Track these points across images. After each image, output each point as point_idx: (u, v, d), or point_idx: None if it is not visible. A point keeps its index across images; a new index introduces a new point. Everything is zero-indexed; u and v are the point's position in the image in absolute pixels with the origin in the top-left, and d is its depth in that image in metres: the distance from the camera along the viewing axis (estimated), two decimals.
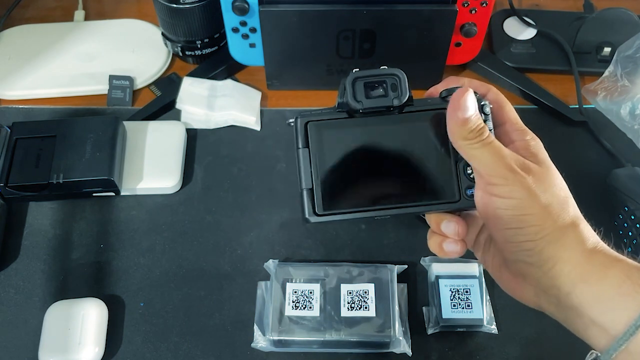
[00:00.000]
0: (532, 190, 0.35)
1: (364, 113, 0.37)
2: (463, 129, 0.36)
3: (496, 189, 0.35)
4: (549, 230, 0.35)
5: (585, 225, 0.36)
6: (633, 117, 0.66)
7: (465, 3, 0.62)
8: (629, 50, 0.67)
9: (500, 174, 0.35)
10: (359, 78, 0.37)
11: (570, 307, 0.34)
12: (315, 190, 0.37)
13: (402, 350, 0.51)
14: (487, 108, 0.37)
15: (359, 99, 0.37)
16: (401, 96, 0.37)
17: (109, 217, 0.60)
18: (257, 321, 0.53)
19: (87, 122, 0.61)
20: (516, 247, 0.36)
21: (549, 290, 0.35)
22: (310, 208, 0.37)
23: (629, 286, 0.33)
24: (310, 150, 0.38)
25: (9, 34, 0.75)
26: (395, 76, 0.37)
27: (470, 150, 0.36)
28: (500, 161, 0.35)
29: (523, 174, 0.35)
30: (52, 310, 0.52)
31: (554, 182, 0.36)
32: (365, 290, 0.53)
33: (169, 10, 0.66)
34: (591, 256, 0.35)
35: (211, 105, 0.67)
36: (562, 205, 0.35)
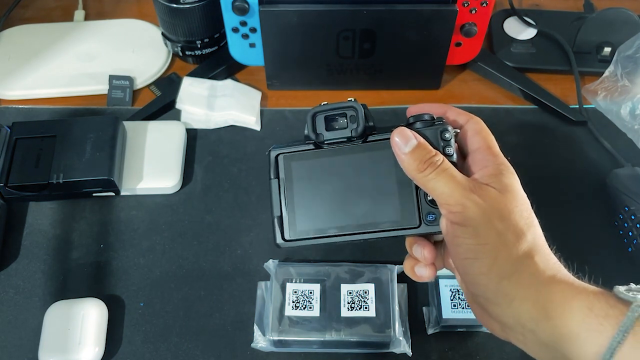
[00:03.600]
0: (488, 217, 0.34)
1: (329, 144, 0.40)
2: (411, 162, 0.37)
3: (454, 216, 0.35)
4: (502, 263, 0.34)
5: (544, 253, 0.35)
6: (633, 117, 0.66)
7: (466, 3, 0.62)
8: (629, 50, 0.67)
9: (457, 202, 0.35)
10: (319, 112, 0.40)
11: (539, 343, 0.34)
12: (283, 217, 0.41)
13: (402, 351, 0.51)
14: (447, 134, 0.38)
15: (319, 131, 0.40)
16: (358, 127, 0.40)
17: (109, 217, 0.60)
18: (257, 321, 0.53)
19: (87, 122, 0.61)
20: (473, 279, 0.35)
21: (513, 328, 0.35)
22: (279, 234, 0.41)
23: (592, 320, 0.32)
24: (279, 180, 0.41)
25: (9, 34, 0.75)
26: (353, 108, 0.40)
27: (426, 182, 0.36)
28: (456, 188, 0.35)
29: (479, 201, 0.34)
30: (52, 310, 0.52)
31: (513, 209, 0.35)
32: (365, 290, 0.53)
33: (169, 10, 0.66)
34: (550, 290, 0.33)
35: (211, 105, 0.67)
36: (518, 234, 0.34)
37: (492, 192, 0.35)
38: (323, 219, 0.40)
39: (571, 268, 0.36)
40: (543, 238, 0.36)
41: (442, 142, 0.38)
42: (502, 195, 0.35)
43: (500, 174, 0.36)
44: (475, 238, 0.34)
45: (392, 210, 0.39)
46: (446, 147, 0.38)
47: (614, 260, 0.57)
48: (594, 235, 0.59)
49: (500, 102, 0.70)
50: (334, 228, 0.40)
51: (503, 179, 0.36)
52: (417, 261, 0.40)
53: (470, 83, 0.72)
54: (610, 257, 0.58)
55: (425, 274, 0.40)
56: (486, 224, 0.34)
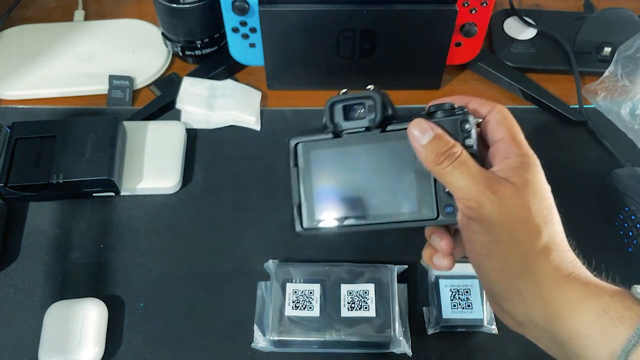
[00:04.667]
0: (503, 215, 0.34)
1: (348, 133, 0.40)
2: (428, 155, 0.36)
3: (471, 212, 0.34)
4: (515, 261, 0.34)
5: (561, 251, 0.34)
6: (633, 117, 0.66)
7: (466, 3, 0.62)
8: (629, 50, 0.67)
9: (473, 197, 0.34)
10: (337, 102, 0.40)
11: (551, 341, 0.34)
12: (302, 206, 0.41)
13: (402, 351, 0.51)
14: (467, 124, 0.37)
15: (337, 121, 0.40)
16: (376, 117, 0.39)
17: (109, 217, 0.60)
18: (257, 321, 0.53)
19: (87, 122, 0.61)
20: (486, 276, 0.35)
21: (526, 325, 0.35)
22: (298, 222, 0.41)
23: (607, 321, 0.31)
24: (298, 169, 0.41)
25: (8, 34, 0.75)
26: (371, 98, 0.39)
27: (443, 174, 0.36)
28: (473, 184, 0.34)
29: (495, 198, 0.34)
30: (52, 311, 0.52)
31: (531, 206, 0.34)
32: (365, 290, 0.53)
33: (169, 10, 0.65)
34: (563, 290, 0.33)
35: (211, 105, 0.67)
36: (534, 232, 0.34)
37: (510, 188, 0.34)
38: (341, 208, 0.40)
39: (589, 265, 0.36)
40: (562, 234, 0.35)
41: (462, 133, 0.37)
42: (521, 191, 0.34)
43: (521, 167, 0.35)
44: (489, 235, 0.34)
45: (410, 201, 0.39)
46: (466, 139, 0.37)
47: (614, 260, 0.57)
48: (594, 235, 0.59)
49: (500, 102, 0.69)
50: (352, 217, 0.40)
51: (524, 173, 0.35)
52: (436, 251, 0.40)
53: (470, 83, 0.72)
54: (610, 257, 0.57)
55: (443, 264, 0.39)
56: (501, 222, 0.34)
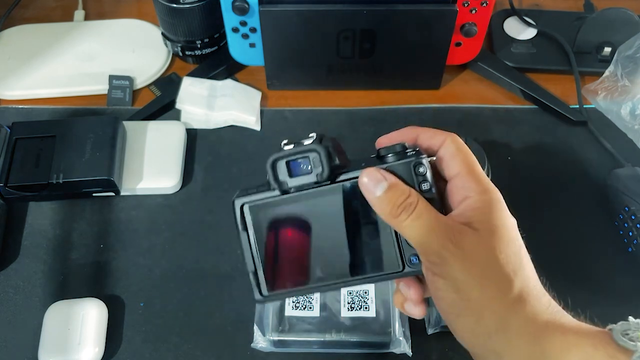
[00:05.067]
0: (469, 270, 0.31)
1: (297, 189, 0.36)
2: (383, 207, 0.33)
3: (435, 267, 0.32)
4: (488, 319, 0.31)
5: (535, 297, 0.32)
6: (633, 117, 0.66)
7: (466, 3, 0.62)
8: (629, 50, 0.67)
9: (434, 252, 0.31)
10: (279, 158, 0.36)
11: None
12: (258, 272, 0.37)
13: (402, 351, 0.51)
14: (421, 167, 0.34)
15: (282, 179, 0.36)
16: (323, 172, 0.35)
17: (109, 217, 0.60)
18: (257, 321, 0.53)
19: (87, 122, 0.61)
20: (459, 335, 0.33)
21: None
22: (257, 290, 0.37)
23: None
24: (248, 233, 0.37)
25: (8, 34, 0.75)
26: (315, 151, 0.35)
27: (401, 228, 0.33)
28: (433, 237, 0.31)
29: (459, 252, 0.31)
30: (52, 311, 0.52)
31: (498, 255, 0.31)
32: (365, 290, 0.53)
33: (169, 10, 0.65)
34: (542, 344, 0.30)
35: (211, 105, 0.67)
36: (504, 283, 0.31)
37: (473, 236, 0.31)
38: (300, 270, 0.37)
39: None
40: (535, 278, 0.33)
41: (417, 177, 0.34)
42: (485, 239, 0.32)
43: (482, 207, 0.32)
44: (457, 293, 0.31)
45: (372, 256, 0.36)
46: (422, 183, 0.34)
47: (614, 260, 0.57)
48: (594, 235, 0.59)
49: (500, 102, 0.70)
50: (313, 278, 0.37)
51: (487, 214, 0.32)
52: (406, 298, 0.37)
53: (470, 83, 0.72)
54: (610, 257, 0.58)
55: (415, 312, 0.36)
56: (467, 278, 0.31)
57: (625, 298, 0.55)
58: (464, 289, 0.31)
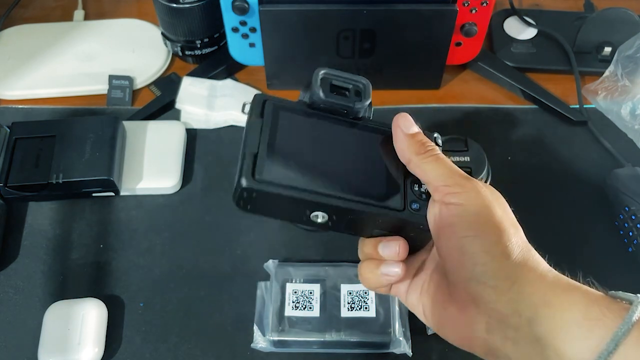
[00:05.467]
0: (488, 200, 0.34)
1: (324, 109, 0.38)
2: (412, 143, 0.36)
3: (454, 197, 0.34)
4: (506, 243, 0.32)
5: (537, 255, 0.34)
6: (633, 117, 0.66)
7: (466, 3, 0.62)
8: (629, 50, 0.67)
9: (456, 182, 0.34)
10: (328, 74, 0.38)
11: (532, 338, 0.31)
12: (259, 156, 0.35)
13: (402, 351, 0.51)
14: (439, 140, 0.39)
15: (322, 91, 0.37)
16: (363, 100, 0.37)
17: (109, 217, 0.60)
18: (257, 321, 0.53)
19: (87, 122, 0.61)
20: (472, 259, 0.33)
21: (507, 319, 0.32)
22: (250, 172, 0.34)
23: (596, 310, 0.30)
24: (263, 121, 0.36)
25: (8, 33, 0.75)
26: (361, 83, 0.38)
27: (423, 164, 0.36)
28: (454, 171, 0.35)
29: (478, 182, 0.35)
30: (51, 310, 0.52)
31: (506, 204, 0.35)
32: (365, 290, 0.53)
33: (169, 10, 0.66)
34: (552, 280, 0.32)
35: (211, 105, 0.67)
36: (514, 222, 0.34)
37: (482, 183, 0.35)
38: (303, 173, 0.36)
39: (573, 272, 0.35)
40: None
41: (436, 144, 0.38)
42: (493, 192, 0.35)
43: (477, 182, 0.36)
44: (477, 215, 0.33)
45: (378, 187, 0.36)
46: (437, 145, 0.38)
47: (614, 260, 0.57)
48: (594, 235, 0.59)
49: (500, 102, 0.70)
50: (313, 185, 0.35)
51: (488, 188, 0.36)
52: (381, 260, 0.37)
53: (470, 83, 0.72)
54: (610, 257, 0.58)
55: (394, 270, 0.37)
56: (486, 204, 0.33)
57: None
58: (484, 213, 0.33)
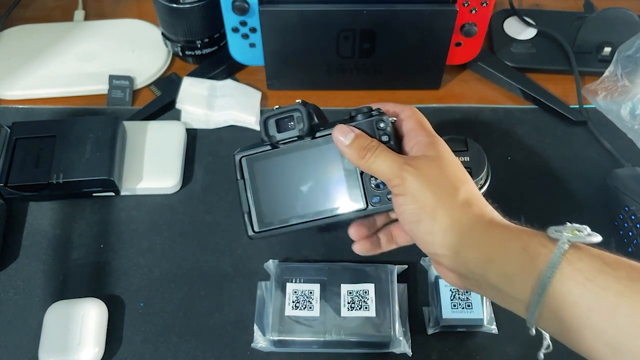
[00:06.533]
0: (423, 183, 0.39)
1: (283, 143, 0.45)
2: (353, 153, 0.42)
3: (396, 189, 0.40)
4: (442, 218, 0.38)
5: (480, 201, 0.40)
6: (633, 117, 0.66)
7: (466, 3, 0.62)
8: (629, 50, 0.67)
9: (396, 175, 0.40)
10: (269, 117, 0.45)
11: (488, 286, 0.37)
12: (251, 212, 0.47)
13: (402, 351, 0.51)
14: (382, 123, 0.43)
15: (271, 134, 0.45)
16: (304, 127, 0.44)
17: (109, 217, 0.60)
18: (257, 321, 0.53)
19: (87, 122, 0.61)
20: (422, 240, 0.40)
21: (466, 276, 0.38)
22: (250, 227, 0.47)
23: (526, 259, 0.35)
24: (245, 180, 0.47)
25: (8, 34, 0.75)
26: (298, 111, 0.44)
27: (367, 165, 0.41)
28: (394, 164, 0.40)
29: (414, 170, 0.39)
30: (52, 310, 0.52)
31: (444, 171, 0.40)
32: (365, 290, 0.53)
33: (169, 10, 0.66)
34: (489, 235, 0.37)
35: (211, 105, 0.67)
36: (452, 191, 0.39)
37: (424, 160, 0.40)
38: (285, 210, 0.46)
39: None
40: (477, 191, 0.40)
41: (378, 131, 0.43)
42: (434, 161, 0.40)
43: (430, 144, 0.41)
44: (415, 203, 0.39)
45: (341, 198, 0.45)
46: (382, 135, 0.43)
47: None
48: None
49: (500, 102, 0.70)
50: (295, 217, 0.46)
51: (434, 148, 0.41)
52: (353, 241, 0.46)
53: (470, 83, 0.72)
54: None
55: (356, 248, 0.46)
56: (422, 189, 0.39)
57: None
58: (420, 198, 0.39)
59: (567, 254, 0.34)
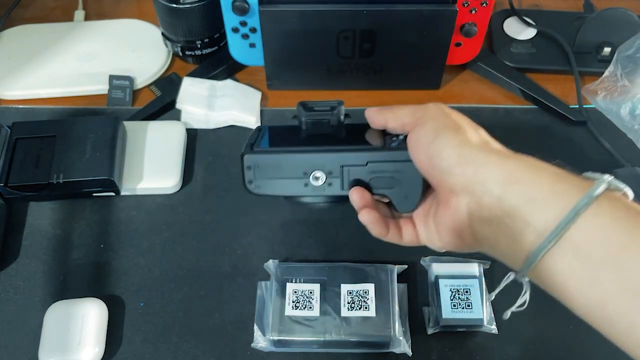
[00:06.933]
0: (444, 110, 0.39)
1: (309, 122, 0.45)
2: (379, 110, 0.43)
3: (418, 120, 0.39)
4: (463, 136, 0.37)
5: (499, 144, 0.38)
6: (633, 117, 0.66)
7: (466, 3, 0.62)
8: (629, 50, 0.67)
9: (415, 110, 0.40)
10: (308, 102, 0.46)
11: (503, 214, 0.34)
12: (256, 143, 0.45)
13: (402, 350, 0.51)
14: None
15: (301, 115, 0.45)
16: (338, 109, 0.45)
17: (109, 217, 0.60)
18: (257, 321, 0.53)
19: (87, 122, 0.61)
20: (437, 158, 0.37)
21: (480, 199, 0.35)
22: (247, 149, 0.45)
23: (562, 186, 0.32)
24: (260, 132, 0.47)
25: (9, 34, 0.75)
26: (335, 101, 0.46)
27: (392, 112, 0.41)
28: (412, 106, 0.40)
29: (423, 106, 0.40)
30: (52, 310, 0.52)
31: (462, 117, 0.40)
32: (365, 290, 0.53)
33: (169, 10, 0.66)
34: (517, 160, 0.35)
35: (211, 105, 0.67)
36: (474, 126, 0.38)
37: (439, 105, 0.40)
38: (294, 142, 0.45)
39: None
40: None
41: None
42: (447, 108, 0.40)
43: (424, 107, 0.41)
44: (437, 121, 0.38)
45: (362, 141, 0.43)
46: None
47: None
48: None
49: (500, 102, 0.70)
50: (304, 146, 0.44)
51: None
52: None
53: (470, 83, 0.72)
54: None
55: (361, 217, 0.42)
56: (443, 113, 0.39)
57: None
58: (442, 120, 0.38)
59: (605, 193, 0.32)
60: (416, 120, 0.39)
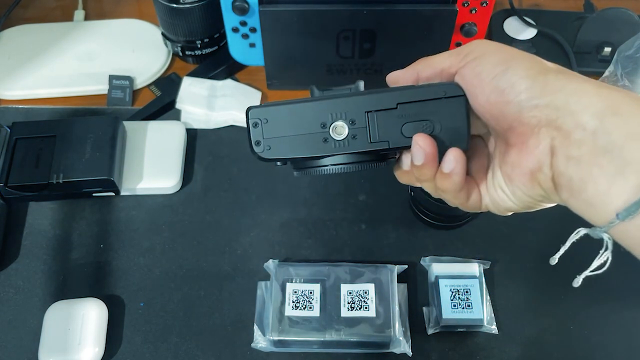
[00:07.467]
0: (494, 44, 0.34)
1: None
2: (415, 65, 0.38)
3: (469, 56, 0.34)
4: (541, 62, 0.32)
5: None
6: None
7: (466, 3, 0.62)
8: (629, 50, 0.67)
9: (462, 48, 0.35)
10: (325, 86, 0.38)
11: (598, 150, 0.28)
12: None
13: (402, 351, 0.51)
14: None
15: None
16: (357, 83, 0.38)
17: (109, 217, 0.60)
18: (257, 321, 0.53)
19: (87, 122, 0.61)
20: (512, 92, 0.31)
21: (570, 134, 0.29)
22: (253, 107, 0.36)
23: None
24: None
25: (8, 34, 0.75)
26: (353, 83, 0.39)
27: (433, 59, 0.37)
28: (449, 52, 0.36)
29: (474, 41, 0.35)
30: (52, 310, 0.52)
31: None
32: (365, 290, 0.53)
33: (169, 10, 0.66)
34: (612, 89, 0.29)
35: (211, 105, 0.67)
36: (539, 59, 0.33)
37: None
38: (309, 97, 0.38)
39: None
40: None
41: None
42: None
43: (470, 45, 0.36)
44: (500, 52, 0.33)
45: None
46: None
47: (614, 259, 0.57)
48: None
49: None
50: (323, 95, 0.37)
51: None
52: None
53: None
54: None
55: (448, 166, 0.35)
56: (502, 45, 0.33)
57: (624, 298, 0.55)
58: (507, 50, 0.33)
59: None
60: (463, 59, 0.34)
